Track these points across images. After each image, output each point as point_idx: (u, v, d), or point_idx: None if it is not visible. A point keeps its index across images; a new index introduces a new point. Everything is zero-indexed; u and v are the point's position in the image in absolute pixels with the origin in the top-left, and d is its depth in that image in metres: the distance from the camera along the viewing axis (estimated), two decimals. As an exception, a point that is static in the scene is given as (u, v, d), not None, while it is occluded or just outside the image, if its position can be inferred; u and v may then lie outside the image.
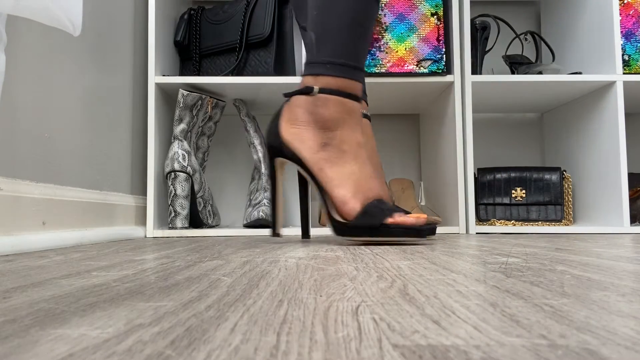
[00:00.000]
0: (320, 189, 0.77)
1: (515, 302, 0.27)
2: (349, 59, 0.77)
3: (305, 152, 0.77)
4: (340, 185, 0.75)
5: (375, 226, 0.72)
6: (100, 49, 0.97)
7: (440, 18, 1.16)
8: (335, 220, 0.75)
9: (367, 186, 0.76)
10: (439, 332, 0.21)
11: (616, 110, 1.16)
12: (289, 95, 0.80)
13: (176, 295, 0.31)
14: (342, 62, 0.76)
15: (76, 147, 0.87)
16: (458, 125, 1.15)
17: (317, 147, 0.77)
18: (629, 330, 0.21)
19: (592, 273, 0.39)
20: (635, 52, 1.21)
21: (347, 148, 0.77)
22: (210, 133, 1.27)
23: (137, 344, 0.19)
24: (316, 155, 0.77)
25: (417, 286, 0.33)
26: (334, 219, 0.76)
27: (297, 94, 0.78)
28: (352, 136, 0.77)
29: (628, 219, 1.12)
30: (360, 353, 0.18)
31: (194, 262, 0.50)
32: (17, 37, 0.69)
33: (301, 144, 0.78)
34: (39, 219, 0.71)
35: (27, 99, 0.72)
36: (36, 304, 0.28)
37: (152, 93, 1.13)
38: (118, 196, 1.03)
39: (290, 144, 0.78)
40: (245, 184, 1.48)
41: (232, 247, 0.73)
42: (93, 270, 0.44)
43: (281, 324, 0.23)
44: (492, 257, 0.54)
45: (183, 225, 1.12)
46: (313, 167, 0.77)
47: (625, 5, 1.21)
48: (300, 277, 0.39)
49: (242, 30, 1.19)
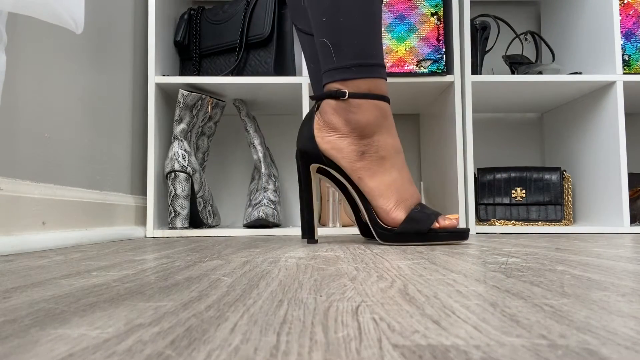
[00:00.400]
0: (361, 197, 0.77)
1: (515, 302, 0.27)
2: (371, 58, 0.75)
3: (343, 161, 0.76)
4: (382, 196, 0.75)
5: (422, 232, 0.73)
6: (101, 49, 0.97)
7: (440, 18, 1.16)
8: (381, 227, 0.75)
9: (409, 193, 0.75)
10: (439, 332, 0.21)
11: (616, 110, 1.16)
12: (317, 99, 0.78)
13: (176, 295, 0.31)
14: (366, 63, 0.75)
15: (76, 147, 0.87)
16: (458, 125, 1.15)
17: (355, 156, 0.75)
18: (629, 330, 0.21)
19: (592, 273, 0.39)
20: (635, 52, 1.21)
21: (385, 154, 0.76)
22: (210, 133, 1.27)
23: (137, 344, 0.19)
24: (355, 164, 0.75)
25: (417, 286, 0.33)
26: (379, 225, 0.75)
27: (326, 97, 0.76)
28: (389, 141, 0.76)
29: (628, 219, 1.12)
30: (360, 353, 0.18)
31: (194, 262, 0.50)
32: (17, 37, 0.69)
33: (338, 153, 0.76)
34: (39, 219, 0.71)
35: (27, 99, 0.72)
36: (36, 304, 0.28)
37: (152, 93, 1.13)
38: (118, 196, 1.03)
39: (327, 152, 0.77)
40: (245, 184, 1.48)
41: (232, 247, 0.73)
42: (93, 270, 0.44)
43: (281, 324, 0.23)
44: (492, 257, 0.54)
45: (183, 225, 1.12)
46: (352, 176, 0.76)
47: (625, 5, 1.21)
48: (300, 277, 0.39)
49: (242, 30, 1.19)
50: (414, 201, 0.76)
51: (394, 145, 0.76)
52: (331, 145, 0.76)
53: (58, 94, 0.81)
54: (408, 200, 0.75)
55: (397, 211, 0.74)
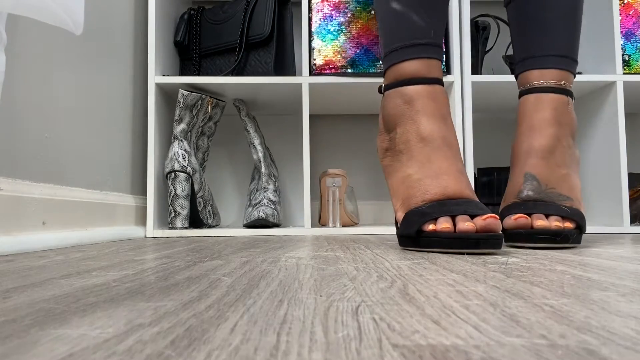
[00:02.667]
0: None
1: (515, 302, 0.27)
2: (398, 41, 0.68)
3: (380, 160, 0.74)
4: (393, 195, 0.68)
5: (411, 235, 0.62)
6: (101, 49, 0.97)
7: (440, 18, 1.16)
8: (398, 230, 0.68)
9: (423, 188, 0.64)
10: (439, 332, 0.21)
11: (616, 110, 1.16)
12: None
13: (176, 295, 0.31)
14: (390, 49, 0.69)
15: (76, 147, 0.87)
16: (458, 125, 1.15)
17: (381, 153, 0.72)
18: (629, 330, 0.21)
19: (592, 273, 0.39)
20: (635, 52, 1.21)
21: (403, 147, 0.68)
22: (210, 133, 1.27)
23: (137, 344, 0.19)
24: (382, 162, 0.72)
25: (417, 286, 0.33)
26: (397, 227, 0.68)
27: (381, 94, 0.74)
28: (410, 130, 0.67)
29: (628, 219, 1.12)
30: (360, 353, 0.18)
31: (194, 262, 0.50)
32: (17, 37, 0.69)
33: (378, 151, 0.74)
34: (39, 219, 0.71)
35: (27, 99, 0.72)
36: (36, 304, 0.28)
37: (152, 93, 1.13)
38: (118, 196, 1.03)
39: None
40: (245, 184, 1.48)
41: (232, 247, 0.73)
42: (93, 270, 0.44)
43: (281, 324, 0.23)
44: (492, 257, 0.54)
45: (183, 225, 1.12)
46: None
47: (625, 5, 1.21)
48: (300, 277, 0.39)
49: (242, 30, 1.19)
50: (428, 197, 0.63)
51: (418, 135, 0.67)
52: (377, 147, 0.75)
53: (58, 94, 0.81)
54: (417, 197, 0.64)
55: (399, 212, 0.66)
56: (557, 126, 0.73)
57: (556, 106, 0.73)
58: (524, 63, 0.78)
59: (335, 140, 1.53)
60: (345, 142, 1.53)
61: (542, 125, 0.73)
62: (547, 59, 0.75)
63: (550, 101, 0.74)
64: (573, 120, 0.75)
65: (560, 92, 0.74)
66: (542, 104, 0.74)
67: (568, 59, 0.75)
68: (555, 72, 0.75)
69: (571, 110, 0.75)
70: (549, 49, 0.75)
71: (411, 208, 0.64)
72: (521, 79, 0.78)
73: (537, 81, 0.75)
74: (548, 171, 0.72)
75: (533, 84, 0.76)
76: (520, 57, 0.78)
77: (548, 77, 0.75)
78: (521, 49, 0.78)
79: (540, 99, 0.74)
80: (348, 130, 1.53)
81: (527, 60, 0.77)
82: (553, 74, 0.75)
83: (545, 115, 0.73)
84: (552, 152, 0.72)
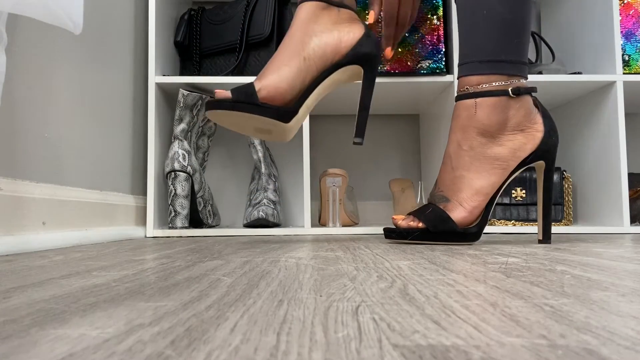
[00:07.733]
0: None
1: (515, 302, 0.27)
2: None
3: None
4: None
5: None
6: (101, 49, 0.97)
7: (440, 18, 1.16)
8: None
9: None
10: (439, 332, 0.21)
11: (616, 110, 1.16)
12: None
13: (176, 295, 0.31)
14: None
15: (76, 147, 0.87)
16: (458, 125, 1.15)
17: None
18: (629, 330, 0.21)
19: (592, 273, 0.39)
20: (635, 52, 1.21)
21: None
22: (210, 133, 1.27)
23: (137, 344, 0.19)
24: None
25: (417, 286, 0.33)
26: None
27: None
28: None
29: (628, 219, 1.12)
30: (360, 353, 0.18)
31: (194, 262, 0.50)
32: (17, 37, 0.69)
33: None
34: (39, 219, 0.71)
35: (27, 99, 0.72)
36: (36, 304, 0.28)
37: (152, 93, 1.13)
38: (118, 196, 1.03)
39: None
40: (245, 184, 1.48)
41: (232, 247, 0.73)
42: (93, 270, 0.44)
43: (281, 324, 0.23)
44: (492, 257, 0.54)
45: (183, 225, 1.12)
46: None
47: (625, 5, 1.21)
48: (300, 277, 0.39)
49: (242, 30, 1.19)
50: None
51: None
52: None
53: (58, 94, 0.81)
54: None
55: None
56: (460, 132, 0.78)
57: (460, 113, 0.78)
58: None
59: (335, 140, 1.53)
60: (345, 142, 1.53)
61: (449, 133, 0.80)
62: (463, 67, 0.79)
63: (458, 108, 0.79)
64: (483, 119, 0.76)
65: (469, 96, 0.77)
66: (455, 111, 0.79)
67: (492, 63, 0.77)
68: (473, 78, 0.77)
69: (484, 110, 0.76)
70: (470, 56, 0.78)
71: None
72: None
73: (458, 90, 0.80)
74: (445, 175, 0.79)
75: (456, 94, 0.81)
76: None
77: (465, 84, 0.78)
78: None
79: (455, 107, 0.79)
80: (348, 130, 1.53)
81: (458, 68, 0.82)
82: (470, 81, 0.78)
83: (452, 123, 0.79)
84: (451, 156, 0.78)
